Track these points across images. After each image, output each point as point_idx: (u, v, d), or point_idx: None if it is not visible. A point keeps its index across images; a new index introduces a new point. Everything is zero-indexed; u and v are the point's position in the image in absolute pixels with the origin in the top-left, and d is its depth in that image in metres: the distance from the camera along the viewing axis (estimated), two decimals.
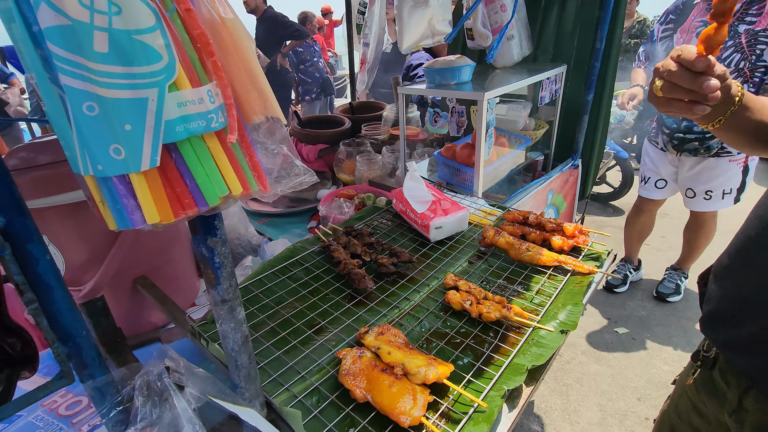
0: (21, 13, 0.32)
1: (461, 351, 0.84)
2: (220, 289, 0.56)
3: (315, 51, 5.39)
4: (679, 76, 0.63)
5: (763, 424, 0.80)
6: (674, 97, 0.66)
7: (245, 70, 0.41)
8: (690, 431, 1.00)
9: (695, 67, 0.62)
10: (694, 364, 0.98)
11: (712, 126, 0.77)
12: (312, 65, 5.19)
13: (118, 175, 0.38)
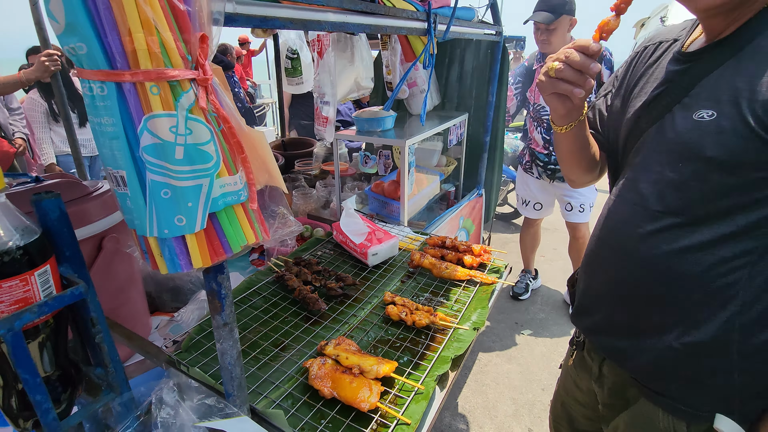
0: (126, 136, 0.49)
1: (401, 351, 1.07)
2: (224, 315, 0.72)
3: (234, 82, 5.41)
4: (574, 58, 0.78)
5: (615, 384, 1.02)
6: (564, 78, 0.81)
7: (260, 160, 0.61)
8: (573, 402, 1.22)
9: (589, 50, 0.77)
10: (571, 348, 1.21)
11: (564, 129, 0.95)
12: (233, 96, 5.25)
13: (177, 236, 0.55)
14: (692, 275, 0.81)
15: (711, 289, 0.80)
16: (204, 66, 0.51)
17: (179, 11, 0.48)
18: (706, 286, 0.80)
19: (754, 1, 0.73)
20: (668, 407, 0.88)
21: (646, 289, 0.88)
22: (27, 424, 0.55)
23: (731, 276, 0.78)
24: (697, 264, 0.80)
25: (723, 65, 0.76)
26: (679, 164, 0.80)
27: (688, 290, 0.83)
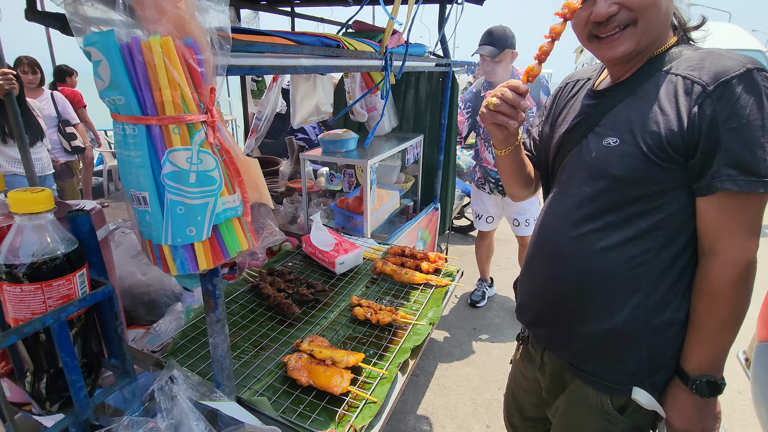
0: (151, 165, 0.63)
1: (368, 346, 1.23)
2: (217, 312, 0.85)
3: None
4: (508, 96, 0.94)
5: (554, 370, 1.15)
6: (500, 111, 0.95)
7: (252, 182, 0.76)
8: (522, 392, 1.33)
9: (519, 90, 0.94)
10: (518, 343, 1.33)
11: (503, 152, 1.11)
12: None
13: (187, 244, 0.69)
14: (607, 271, 0.96)
15: (621, 281, 0.95)
16: (212, 111, 0.67)
17: (195, 71, 0.64)
18: (618, 279, 0.96)
19: (644, 54, 0.93)
20: (595, 385, 1.02)
21: (573, 285, 1.02)
22: (53, 407, 0.65)
23: (636, 270, 0.94)
24: (610, 262, 0.95)
25: (622, 102, 0.94)
26: (594, 181, 0.96)
27: (605, 284, 0.98)
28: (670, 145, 0.85)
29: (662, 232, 0.91)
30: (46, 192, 0.60)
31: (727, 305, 0.87)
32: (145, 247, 0.73)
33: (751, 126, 0.79)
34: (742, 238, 0.85)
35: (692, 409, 0.93)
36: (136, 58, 0.58)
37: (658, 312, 0.94)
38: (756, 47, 5.97)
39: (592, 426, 1.05)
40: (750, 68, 0.79)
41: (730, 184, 0.81)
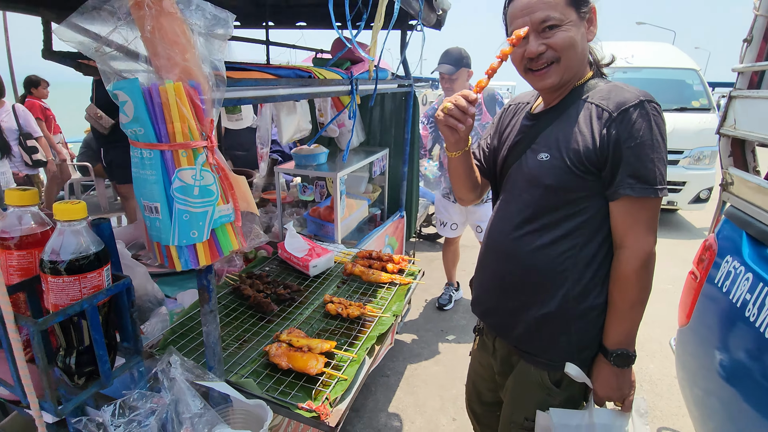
0: (163, 182, 0.80)
1: (339, 336, 1.41)
2: (211, 304, 1.01)
3: None
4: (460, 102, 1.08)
5: (504, 354, 1.30)
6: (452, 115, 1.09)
7: (241, 194, 0.93)
8: (479, 379, 1.47)
9: (469, 98, 1.08)
10: (475, 335, 1.49)
11: (455, 154, 1.23)
12: None
13: (190, 244, 0.86)
14: (542, 265, 1.13)
15: (553, 274, 1.12)
16: (211, 137, 0.84)
17: (198, 107, 0.81)
18: (551, 272, 1.12)
19: (567, 85, 1.13)
20: (535, 363, 1.18)
21: (515, 279, 1.19)
22: (80, 380, 0.79)
23: (564, 264, 1.11)
24: (544, 257, 1.12)
25: (552, 124, 1.13)
26: (531, 189, 1.13)
27: (540, 276, 1.14)
28: (587, 159, 1.03)
29: (584, 231, 1.10)
30: (82, 204, 0.75)
31: (634, 289, 1.05)
32: (153, 248, 0.89)
33: (644, 145, 0.99)
34: (643, 234, 1.04)
35: (612, 379, 1.11)
36: (155, 99, 0.75)
37: (583, 298, 1.12)
38: (691, 66, 6.59)
39: (535, 399, 1.20)
40: (642, 100, 1.01)
41: (630, 191, 1.00)
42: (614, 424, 1.14)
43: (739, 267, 1.58)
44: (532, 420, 1.21)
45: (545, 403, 1.19)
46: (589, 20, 1.10)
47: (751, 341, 1.38)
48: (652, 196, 1.00)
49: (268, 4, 2.32)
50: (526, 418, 1.23)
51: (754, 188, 1.64)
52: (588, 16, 1.09)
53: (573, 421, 1.14)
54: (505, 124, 1.32)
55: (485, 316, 1.33)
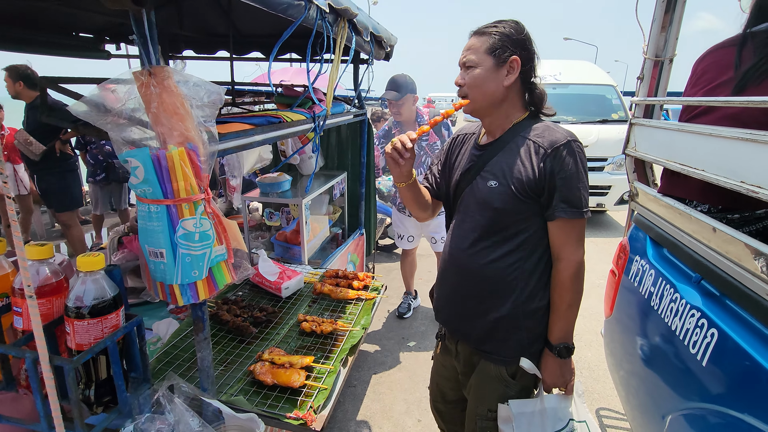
0: (169, 231, 0.94)
1: (316, 351, 1.56)
2: (205, 332, 1.13)
3: None
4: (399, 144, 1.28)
5: (466, 356, 1.45)
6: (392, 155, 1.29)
7: (232, 235, 1.08)
8: (443, 380, 1.60)
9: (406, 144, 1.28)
10: (437, 341, 1.63)
11: (403, 185, 1.40)
12: (96, 147, 4.88)
13: (192, 282, 0.99)
14: (494, 276, 1.31)
15: (504, 283, 1.30)
16: (207, 189, 0.99)
17: (197, 166, 0.96)
18: (502, 281, 1.31)
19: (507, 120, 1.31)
20: (494, 360, 1.35)
21: (472, 289, 1.36)
22: (99, 409, 0.90)
23: (513, 274, 1.29)
24: (496, 269, 1.30)
25: (497, 155, 1.30)
26: (483, 211, 1.30)
27: (493, 285, 1.32)
28: (528, 187, 1.23)
29: (527, 246, 1.29)
30: (101, 256, 0.87)
31: (570, 293, 1.26)
32: (155, 287, 1.01)
33: (572, 176, 1.21)
34: (574, 248, 1.26)
35: (557, 369, 1.31)
36: (162, 164, 0.89)
37: (530, 302, 1.31)
38: (609, 83, 7.40)
39: (496, 391, 1.37)
40: (569, 140, 1.23)
41: (563, 214, 1.21)
42: (560, 406, 1.35)
43: (645, 265, 1.91)
44: (494, 411, 1.37)
45: (505, 394, 1.37)
46: (509, 69, 1.26)
47: (657, 327, 1.69)
48: (579, 218, 1.24)
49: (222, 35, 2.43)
50: (489, 409, 1.39)
51: (652, 199, 1.99)
52: (507, 65, 1.26)
53: (528, 408, 1.33)
54: (454, 152, 1.50)
55: (447, 324, 1.50)
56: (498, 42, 1.25)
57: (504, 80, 1.27)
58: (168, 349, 1.51)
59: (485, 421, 1.40)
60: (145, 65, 0.89)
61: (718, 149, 1.41)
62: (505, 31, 1.26)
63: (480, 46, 1.26)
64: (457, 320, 1.44)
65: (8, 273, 0.94)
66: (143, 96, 0.89)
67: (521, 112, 1.33)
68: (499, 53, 1.25)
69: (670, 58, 2.04)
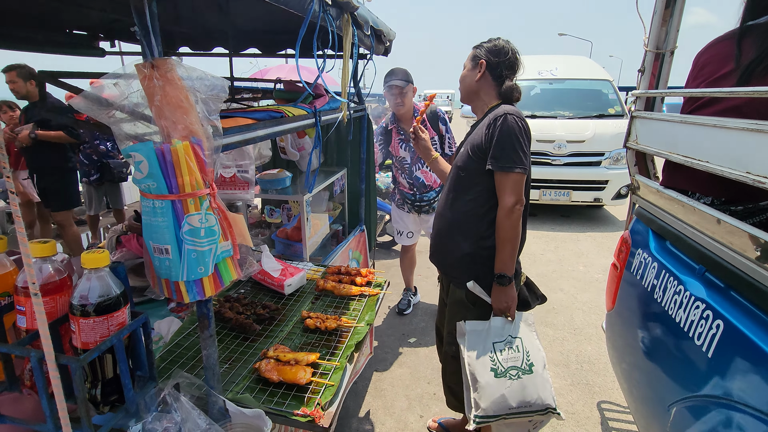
0: (174, 226, 0.92)
1: (320, 348, 1.55)
2: (210, 329, 1.12)
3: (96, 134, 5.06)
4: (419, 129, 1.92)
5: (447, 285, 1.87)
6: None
7: (238, 230, 1.07)
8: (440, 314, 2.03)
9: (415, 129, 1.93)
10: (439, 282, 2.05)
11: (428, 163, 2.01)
12: (90, 147, 4.85)
13: (198, 279, 0.98)
14: (458, 219, 1.71)
15: (466, 224, 1.69)
16: (212, 184, 0.97)
17: (201, 160, 0.94)
18: (464, 223, 1.70)
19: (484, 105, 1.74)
20: (456, 284, 1.75)
21: (445, 230, 1.76)
22: (105, 409, 0.88)
23: (472, 219, 1.68)
24: (460, 214, 1.71)
25: (473, 131, 1.73)
26: (454, 170, 1.74)
27: (458, 227, 1.71)
28: (479, 149, 1.63)
29: (481, 195, 1.66)
30: (106, 253, 0.85)
31: (503, 230, 1.60)
32: (160, 284, 1.00)
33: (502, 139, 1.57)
34: (507, 195, 1.58)
35: (499, 294, 1.65)
36: (167, 158, 0.88)
37: (483, 241, 1.68)
38: (605, 77, 7.40)
39: (459, 314, 1.73)
40: (506, 113, 1.58)
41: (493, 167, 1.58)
42: (504, 327, 1.68)
43: (647, 258, 1.92)
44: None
45: (465, 317, 1.71)
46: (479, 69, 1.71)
47: (660, 319, 1.70)
48: (505, 171, 1.57)
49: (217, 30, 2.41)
50: (453, 328, 1.73)
51: (654, 192, 1.99)
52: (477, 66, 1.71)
53: (478, 327, 1.67)
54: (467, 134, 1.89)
55: (432, 257, 1.91)
56: (476, 53, 1.72)
57: (475, 77, 1.72)
58: (171, 348, 1.50)
59: (450, 336, 1.77)
60: (148, 57, 0.87)
61: (723, 140, 1.41)
62: (485, 45, 1.72)
63: (469, 56, 1.75)
64: (438, 255, 1.85)
65: (10, 271, 0.92)
66: (146, 89, 0.87)
67: (496, 100, 1.73)
68: (476, 59, 1.71)
69: (671, 50, 2.03)
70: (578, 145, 6.37)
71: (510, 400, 1.59)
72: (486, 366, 1.61)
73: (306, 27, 1.26)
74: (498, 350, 1.64)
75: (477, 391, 1.60)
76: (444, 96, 33.51)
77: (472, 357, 1.62)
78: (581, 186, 6.43)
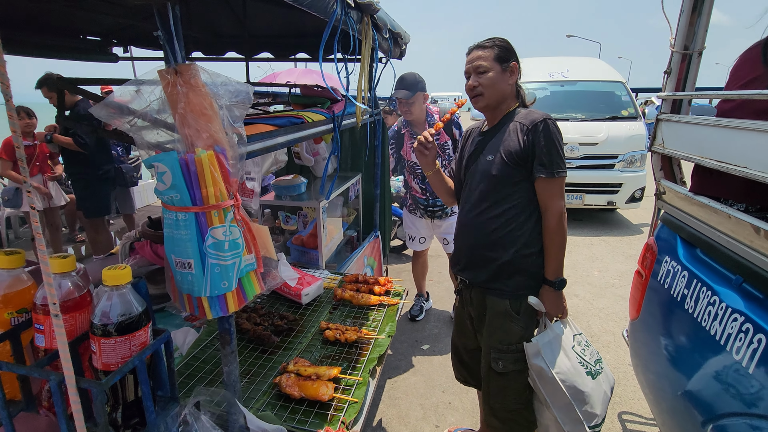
0: (198, 240, 0.88)
1: (341, 361, 1.50)
2: (232, 345, 1.07)
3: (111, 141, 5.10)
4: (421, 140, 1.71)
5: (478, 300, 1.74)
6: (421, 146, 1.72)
7: (262, 243, 1.02)
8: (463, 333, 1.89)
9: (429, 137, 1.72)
10: (456, 296, 1.92)
11: (428, 173, 1.83)
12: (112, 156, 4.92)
13: (221, 294, 0.93)
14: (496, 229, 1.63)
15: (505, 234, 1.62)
16: (236, 195, 0.93)
17: (226, 171, 0.90)
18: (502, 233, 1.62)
19: (499, 111, 1.66)
20: (498, 295, 1.65)
21: (480, 241, 1.67)
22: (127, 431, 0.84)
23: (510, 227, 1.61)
24: (498, 224, 1.62)
25: (494, 137, 1.65)
26: (484, 180, 1.64)
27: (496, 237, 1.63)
28: (516, 156, 1.55)
29: (519, 204, 1.61)
30: (128, 269, 0.81)
31: (557, 236, 1.58)
32: (182, 299, 0.96)
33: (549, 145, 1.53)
34: (557, 200, 1.57)
35: (557, 300, 1.62)
36: (191, 168, 0.83)
37: (524, 249, 1.62)
38: (618, 79, 7.30)
39: (504, 325, 1.65)
40: (545, 118, 1.54)
41: (541, 174, 1.53)
42: (564, 330, 1.64)
43: (676, 266, 1.84)
44: (505, 343, 1.65)
45: (511, 328, 1.65)
46: (510, 72, 1.62)
47: (692, 331, 1.63)
48: (554, 177, 1.54)
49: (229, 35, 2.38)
50: (500, 341, 1.66)
51: (683, 198, 1.92)
52: (509, 69, 1.62)
53: (546, 339, 1.60)
54: (465, 145, 1.85)
55: (463, 271, 1.78)
56: (500, 52, 1.61)
57: (509, 80, 1.63)
58: (189, 361, 1.45)
59: (498, 352, 1.66)
60: (171, 63, 0.83)
61: (764, 144, 1.34)
62: (503, 45, 1.63)
63: (488, 56, 1.60)
64: (473, 268, 1.73)
65: (28, 287, 0.89)
66: (169, 96, 0.83)
67: (514, 103, 1.68)
68: (501, 61, 1.61)
69: (699, 50, 1.96)
70: (591, 148, 6.29)
71: (608, 391, 1.63)
72: (581, 373, 1.58)
73: (329, 31, 1.22)
74: (580, 353, 1.63)
75: (586, 402, 1.56)
76: (450, 99, 33.43)
77: (563, 370, 1.56)
78: (594, 189, 6.33)
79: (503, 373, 1.66)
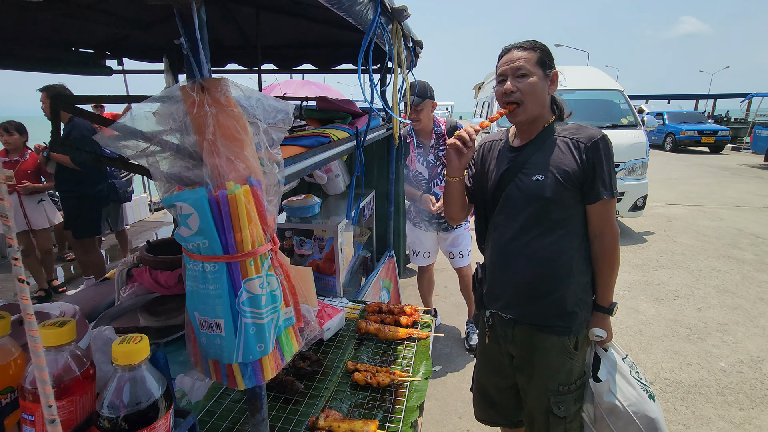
0: (230, 296, 0.70)
1: (376, 410, 1.32)
2: (263, 412, 0.89)
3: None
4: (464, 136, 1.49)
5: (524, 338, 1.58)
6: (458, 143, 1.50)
7: (304, 292, 0.85)
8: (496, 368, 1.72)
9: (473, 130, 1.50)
10: (484, 331, 1.74)
11: (455, 179, 1.58)
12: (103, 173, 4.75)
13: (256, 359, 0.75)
14: (550, 258, 1.48)
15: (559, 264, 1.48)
16: (274, 237, 0.76)
17: (261, 209, 0.73)
18: (557, 262, 1.48)
19: (537, 125, 1.51)
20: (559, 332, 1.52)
21: (532, 273, 1.52)
22: None
23: (566, 255, 1.48)
24: (551, 252, 1.48)
25: (536, 153, 1.49)
26: (533, 203, 1.47)
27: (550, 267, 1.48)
28: (574, 176, 1.42)
29: (573, 229, 1.49)
30: (145, 339, 0.63)
31: (615, 260, 1.49)
32: (206, 366, 0.77)
33: (610, 165, 1.42)
34: (613, 223, 1.48)
35: (610, 325, 1.55)
36: (223, 208, 0.66)
37: (581, 277, 1.52)
38: (616, 87, 7.27)
39: (563, 365, 1.53)
40: (603, 135, 1.42)
41: (605, 195, 1.42)
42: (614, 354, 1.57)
43: None
44: (566, 384, 1.54)
45: (570, 367, 1.53)
46: (551, 80, 1.48)
47: None
48: (614, 198, 1.44)
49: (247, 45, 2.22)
50: (560, 384, 1.53)
51: None
52: (551, 77, 1.48)
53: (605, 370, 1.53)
54: (486, 159, 1.65)
55: (505, 308, 1.60)
56: (543, 56, 1.45)
57: (549, 89, 1.49)
58: (203, 417, 1.26)
59: (559, 395, 1.54)
60: (196, 77, 0.66)
61: None
62: (545, 48, 1.48)
63: (530, 58, 1.43)
64: (518, 304, 1.57)
65: (15, 358, 0.70)
66: (194, 118, 0.66)
67: (551, 116, 1.54)
68: (544, 66, 1.45)
69: None
70: None
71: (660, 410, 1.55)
72: (645, 399, 1.50)
73: (367, 41, 1.06)
74: (637, 377, 1.55)
75: (657, 428, 1.49)
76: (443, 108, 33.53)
77: (633, 402, 1.49)
78: None
79: (565, 416, 1.54)
